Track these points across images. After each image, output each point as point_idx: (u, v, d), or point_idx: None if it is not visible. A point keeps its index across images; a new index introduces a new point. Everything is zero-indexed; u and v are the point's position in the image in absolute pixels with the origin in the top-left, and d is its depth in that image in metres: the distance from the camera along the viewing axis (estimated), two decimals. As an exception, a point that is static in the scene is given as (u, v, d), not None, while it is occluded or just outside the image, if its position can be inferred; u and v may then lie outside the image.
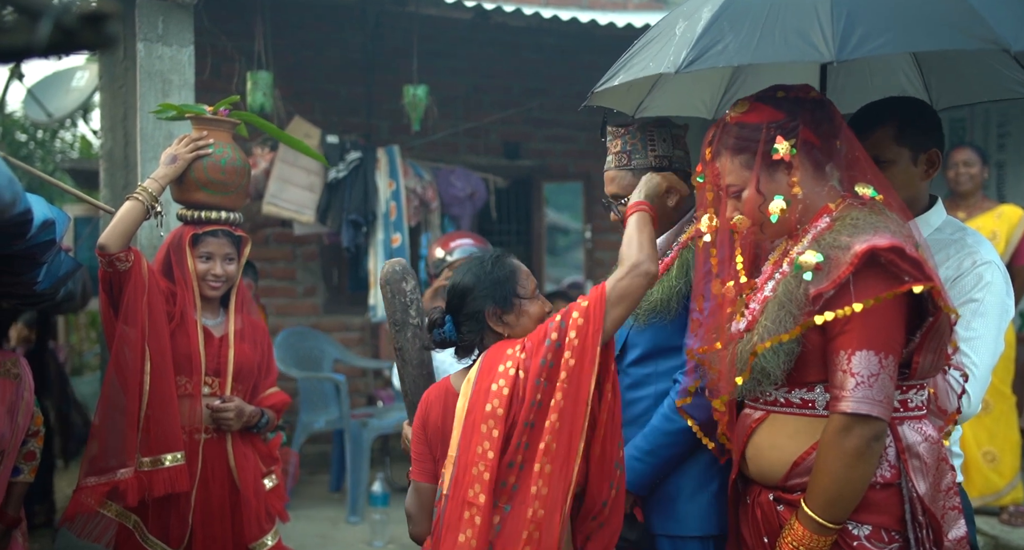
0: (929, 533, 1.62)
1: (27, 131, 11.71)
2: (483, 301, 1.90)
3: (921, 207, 1.97)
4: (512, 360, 1.79)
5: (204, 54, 4.17)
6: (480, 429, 1.76)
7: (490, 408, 1.77)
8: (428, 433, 1.94)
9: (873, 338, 1.56)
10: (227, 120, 2.71)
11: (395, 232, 5.00)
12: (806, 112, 1.69)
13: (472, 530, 1.72)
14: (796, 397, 1.68)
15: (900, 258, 1.55)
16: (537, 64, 6.05)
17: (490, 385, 1.79)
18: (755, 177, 1.68)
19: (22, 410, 2.50)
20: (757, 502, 1.74)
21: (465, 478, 1.75)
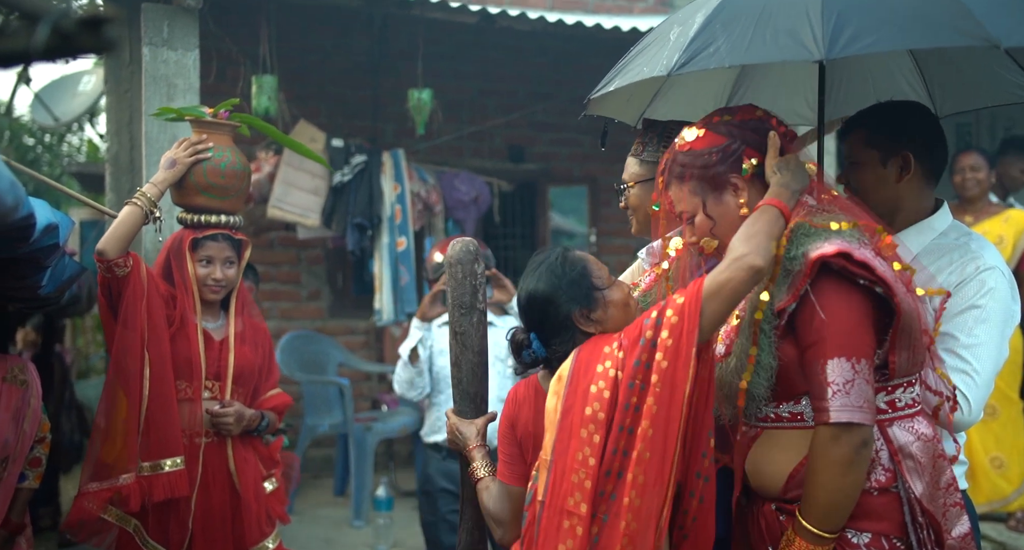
0: (930, 534, 1.62)
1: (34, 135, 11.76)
2: (568, 306, 1.78)
3: (912, 210, 1.96)
4: (611, 360, 1.68)
5: (209, 58, 4.18)
6: (579, 434, 1.66)
7: (590, 412, 1.66)
8: (519, 434, 1.88)
9: (843, 344, 1.57)
10: (227, 123, 2.70)
11: (400, 236, 5.00)
12: (748, 132, 1.73)
13: (573, 541, 1.63)
14: (784, 411, 1.69)
15: (849, 262, 1.57)
16: (542, 68, 6.05)
17: (588, 386, 1.68)
18: (702, 203, 1.73)
19: (29, 417, 2.49)
20: (761, 512, 1.75)
21: (563, 485, 1.66)
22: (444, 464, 3.39)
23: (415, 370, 3.38)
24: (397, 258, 4.99)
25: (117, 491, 2.46)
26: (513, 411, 1.89)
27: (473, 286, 2.10)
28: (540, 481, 1.71)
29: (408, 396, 3.47)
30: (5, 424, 2.41)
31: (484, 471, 1.97)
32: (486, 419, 2.08)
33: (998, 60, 2.05)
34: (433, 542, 3.43)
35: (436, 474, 3.40)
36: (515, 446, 1.88)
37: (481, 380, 2.07)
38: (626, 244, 6.33)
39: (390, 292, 4.99)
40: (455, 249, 2.11)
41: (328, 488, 5.30)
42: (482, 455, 2.00)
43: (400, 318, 5.08)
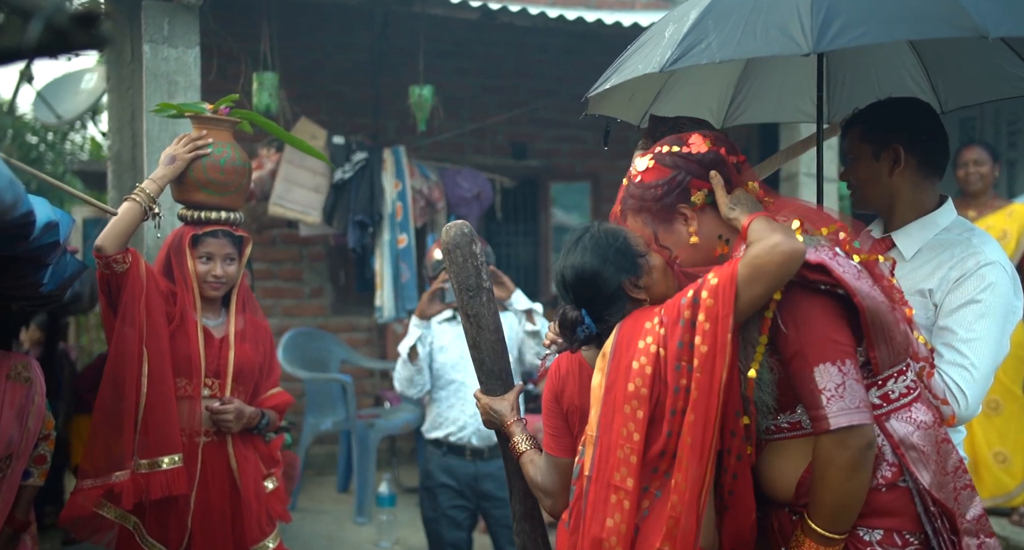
0: (944, 522, 1.62)
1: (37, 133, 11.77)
2: (618, 276, 1.78)
3: (912, 206, 1.96)
4: (652, 335, 1.69)
5: (210, 56, 4.18)
6: (623, 410, 1.69)
7: (633, 388, 1.68)
8: (564, 407, 1.89)
9: (822, 351, 1.57)
10: (227, 119, 2.69)
11: (401, 233, 5.00)
12: (693, 164, 1.73)
13: (620, 514, 1.66)
14: (783, 422, 1.69)
15: (806, 269, 1.57)
16: (543, 64, 6.04)
17: (630, 362, 1.70)
18: (653, 234, 1.75)
19: (33, 414, 2.49)
20: (775, 517, 1.75)
21: (610, 460, 1.69)
22: (444, 460, 3.39)
23: (415, 368, 3.38)
24: (398, 255, 4.99)
25: (110, 488, 2.45)
26: (557, 385, 1.91)
27: (476, 267, 2.10)
28: (587, 456, 1.73)
29: (408, 394, 3.47)
30: (9, 421, 2.41)
31: (526, 445, 2.01)
32: (516, 392, 2.11)
33: (1001, 54, 2.04)
34: (434, 538, 3.44)
35: (436, 470, 3.41)
36: (560, 419, 1.90)
37: (502, 356, 2.09)
38: (628, 240, 6.33)
39: (391, 289, 4.99)
40: (450, 234, 2.12)
41: (331, 485, 5.31)
42: (521, 428, 2.04)
43: (401, 315, 5.08)
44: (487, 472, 3.38)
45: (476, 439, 3.37)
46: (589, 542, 1.69)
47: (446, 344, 3.45)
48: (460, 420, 3.38)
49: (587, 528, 1.70)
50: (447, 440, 3.40)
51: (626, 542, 1.65)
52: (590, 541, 1.69)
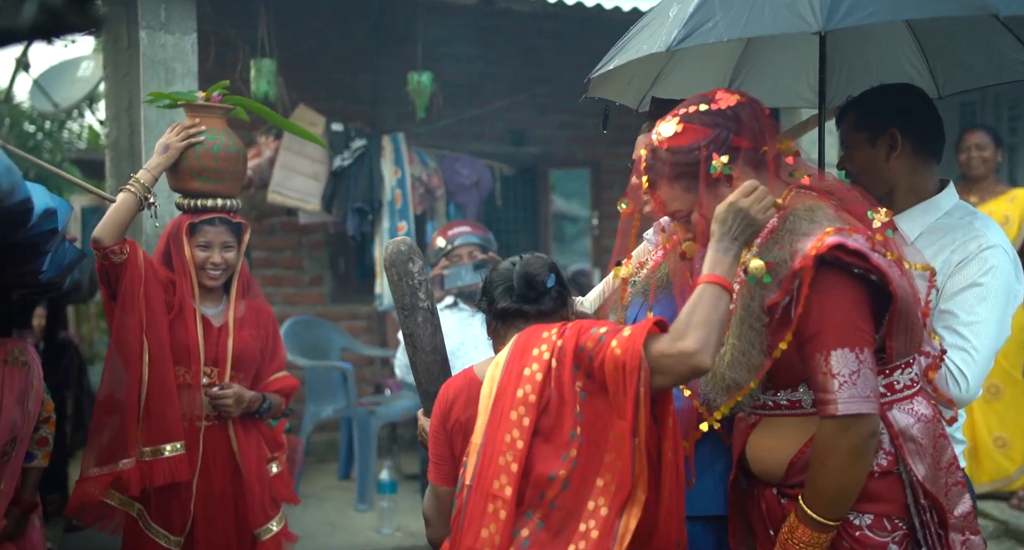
0: (933, 515, 1.62)
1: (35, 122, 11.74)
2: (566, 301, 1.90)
3: (912, 190, 1.96)
4: (547, 344, 1.69)
5: (207, 42, 4.15)
6: (510, 416, 1.66)
7: (521, 394, 1.66)
8: (449, 430, 1.85)
9: (844, 335, 1.55)
10: (219, 106, 2.68)
11: (401, 220, 4.99)
12: (731, 120, 1.66)
13: (496, 525, 1.62)
14: (783, 399, 1.68)
15: (844, 253, 1.55)
16: (543, 50, 6.01)
17: (522, 369, 1.69)
18: (700, 202, 1.67)
19: (32, 397, 2.52)
20: (762, 496, 1.75)
21: (490, 468, 1.66)
22: None
23: None
24: (398, 242, 4.98)
25: (118, 476, 2.47)
26: (445, 405, 1.87)
27: (411, 286, 2.07)
28: (469, 466, 1.70)
29: (408, 380, 3.49)
30: (11, 405, 2.43)
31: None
32: None
33: (1001, 38, 2.03)
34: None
35: None
36: (445, 445, 1.86)
37: (439, 377, 2.04)
38: (628, 227, 6.31)
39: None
40: (388, 251, 2.11)
41: (332, 472, 5.32)
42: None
43: (402, 302, 5.07)
44: None
45: None
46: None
47: (447, 330, 3.43)
48: None
49: (461, 540, 1.66)
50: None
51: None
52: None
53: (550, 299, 1.88)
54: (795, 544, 1.61)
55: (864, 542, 1.61)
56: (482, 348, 3.42)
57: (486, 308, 1.93)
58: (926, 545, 1.60)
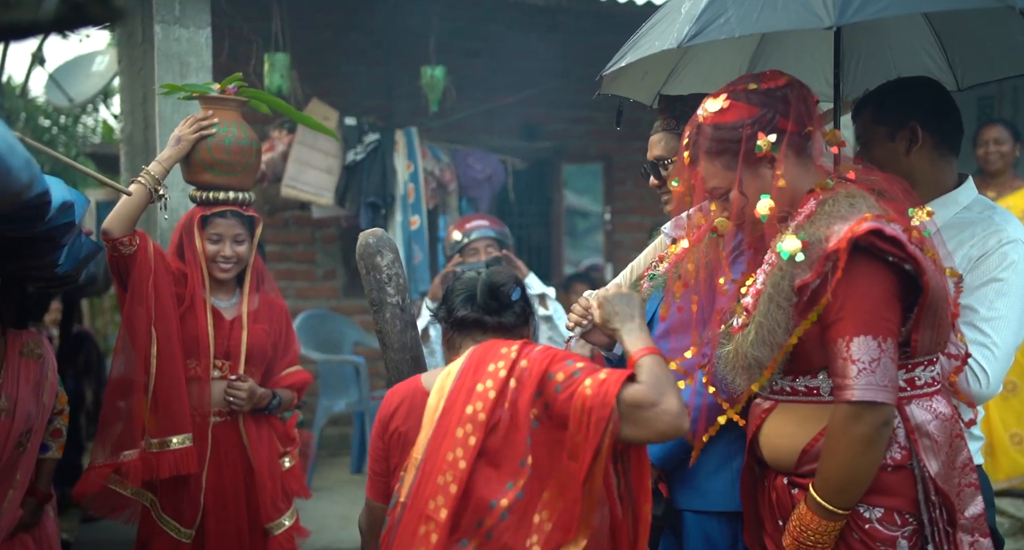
0: (943, 513, 1.61)
1: (50, 116, 11.81)
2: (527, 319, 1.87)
3: (932, 184, 1.94)
4: (505, 361, 1.62)
5: (221, 36, 4.16)
6: (455, 433, 1.58)
7: (471, 410, 1.58)
8: (386, 441, 1.76)
9: (869, 323, 1.54)
10: (232, 98, 2.68)
11: (414, 214, 4.99)
12: (779, 101, 1.66)
13: (425, 548, 1.53)
14: (801, 385, 1.67)
15: (880, 239, 1.53)
16: (556, 44, 5.99)
17: (475, 384, 1.61)
18: (738, 179, 1.66)
19: (46, 389, 2.55)
20: (772, 486, 1.74)
21: (428, 487, 1.57)
22: None
23: (427, 349, 3.40)
24: (411, 237, 4.99)
25: (118, 467, 2.48)
26: (385, 415, 1.78)
27: (379, 281, 1.99)
28: (406, 482, 1.62)
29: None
30: (27, 396, 2.46)
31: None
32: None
33: (1020, 29, 2.01)
34: None
35: None
36: (381, 460, 1.78)
37: (409, 376, 1.96)
38: (640, 222, 6.29)
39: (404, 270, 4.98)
40: (359, 244, 2.03)
41: (345, 466, 5.34)
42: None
43: (414, 297, 5.08)
44: None
45: None
46: None
47: None
48: None
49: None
50: None
51: None
52: None
53: (512, 313, 1.83)
54: (804, 532, 1.60)
55: (873, 535, 1.60)
56: None
57: (444, 316, 1.86)
58: (933, 542, 1.59)
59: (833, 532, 1.59)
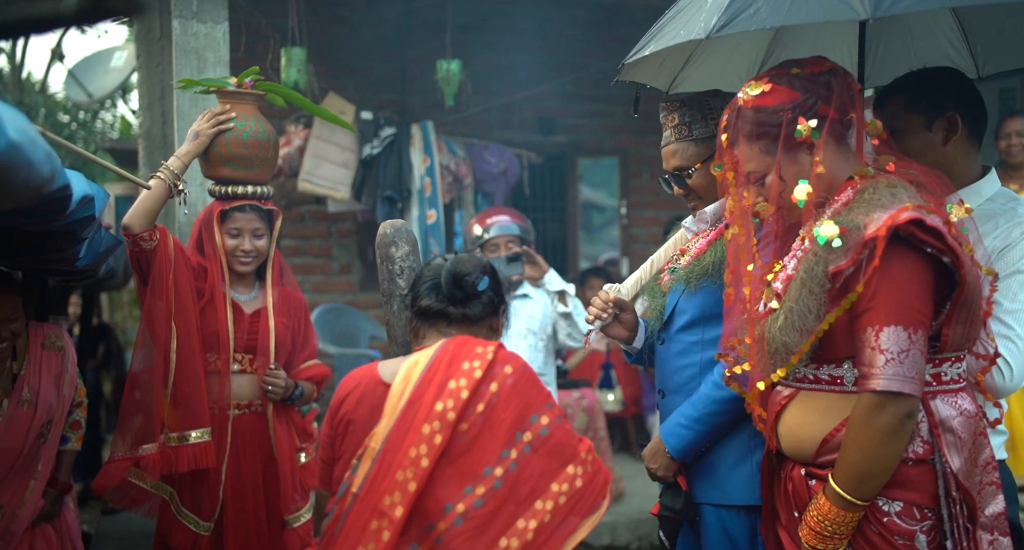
0: (963, 509, 1.59)
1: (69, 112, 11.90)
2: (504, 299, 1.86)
3: (961, 174, 1.91)
4: (481, 361, 1.58)
5: (238, 31, 4.17)
6: (421, 429, 1.53)
7: (441, 408, 1.54)
8: (334, 427, 1.72)
9: (900, 313, 1.52)
10: (250, 92, 2.68)
11: (430, 208, 5.00)
12: (822, 87, 1.64)
13: (376, 546, 1.48)
14: (825, 374, 1.65)
15: (920, 230, 1.52)
16: (572, 38, 5.97)
17: (447, 381, 1.57)
18: (777, 163, 1.64)
19: (66, 381, 2.58)
20: (789, 477, 1.72)
21: (385, 480, 1.52)
22: None
23: None
24: (427, 231, 4.99)
25: (138, 460, 2.50)
26: (335, 401, 1.75)
27: (390, 271, 1.96)
28: (360, 472, 1.56)
29: None
30: (48, 387, 2.49)
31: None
32: None
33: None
34: None
35: None
36: (329, 448, 1.75)
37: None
38: (656, 216, 6.27)
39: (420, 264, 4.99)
40: (378, 233, 2.02)
41: (361, 459, 5.37)
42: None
43: (431, 291, 5.08)
44: None
45: None
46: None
47: None
48: None
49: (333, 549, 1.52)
50: None
51: None
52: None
53: (479, 304, 1.77)
54: (822, 523, 1.59)
55: (892, 529, 1.59)
56: (514, 338, 3.42)
57: (410, 304, 1.82)
58: (952, 538, 1.57)
59: (851, 523, 1.58)
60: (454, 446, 1.55)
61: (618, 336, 2.19)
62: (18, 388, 2.44)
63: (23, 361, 2.49)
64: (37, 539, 2.57)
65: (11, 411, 2.41)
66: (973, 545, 1.59)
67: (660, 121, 2.17)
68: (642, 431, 5.39)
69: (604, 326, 2.15)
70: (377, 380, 1.70)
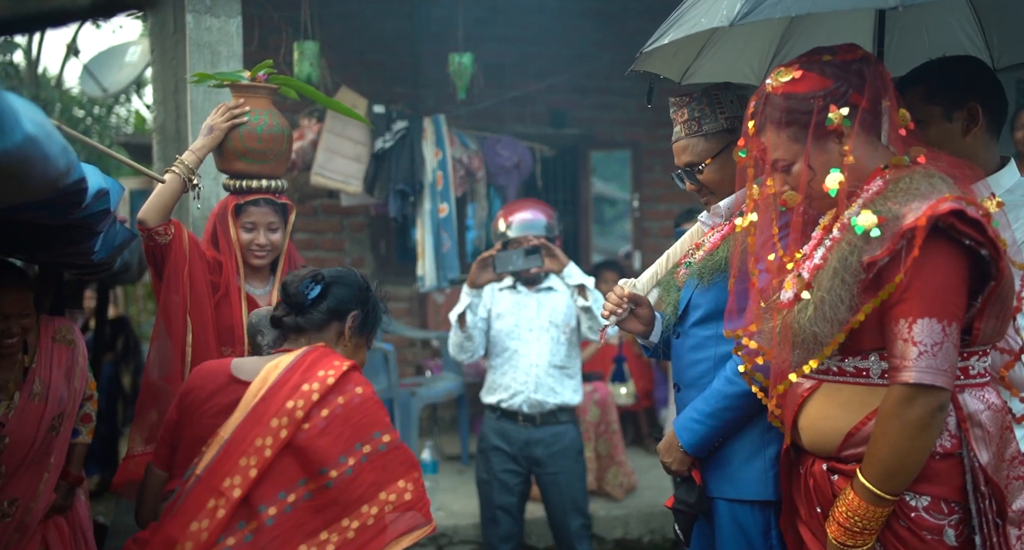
0: (992, 504, 1.57)
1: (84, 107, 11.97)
2: (361, 305, 1.93)
3: (982, 166, 1.89)
4: (336, 371, 1.75)
5: (251, 26, 4.18)
6: (270, 422, 1.68)
7: (292, 405, 1.70)
8: (179, 410, 1.86)
9: (935, 305, 1.50)
10: (264, 86, 2.68)
11: (442, 202, 5.00)
12: (853, 75, 1.61)
13: (210, 521, 1.63)
14: (850, 366, 1.63)
15: (960, 221, 1.49)
16: (584, 31, 5.95)
17: (301, 384, 1.73)
18: (807, 152, 1.61)
19: (77, 374, 2.60)
20: (810, 472, 1.70)
21: (227, 464, 1.66)
22: (499, 424, 3.46)
23: (464, 335, 3.43)
24: (439, 224, 4.99)
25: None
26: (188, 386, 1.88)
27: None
28: (206, 457, 1.71)
29: (459, 359, 3.55)
30: (59, 381, 2.52)
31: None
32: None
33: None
34: (485, 500, 3.52)
35: (491, 433, 3.49)
36: (173, 430, 1.87)
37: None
38: (669, 209, 6.25)
39: (433, 258, 5.00)
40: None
41: (374, 452, 5.39)
42: None
43: (443, 285, 5.09)
44: (538, 438, 3.42)
45: (527, 407, 3.42)
46: (164, 541, 1.64)
47: (503, 311, 3.50)
48: (512, 387, 3.44)
49: (166, 527, 1.66)
50: (500, 406, 3.46)
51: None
52: (164, 540, 1.64)
53: (316, 312, 1.90)
54: (851, 518, 1.57)
55: (920, 523, 1.57)
56: (536, 331, 3.45)
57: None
58: (981, 534, 1.56)
59: (881, 518, 1.56)
60: (296, 442, 1.70)
61: (634, 330, 2.18)
62: (29, 381, 2.47)
63: (34, 355, 2.51)
64: (50, 531, 2.60)
65: (23, 404, 2.44)
66: (1003, 540, 1.57)
67: (671, 116, 2.16)
68: (655, 425, 5.38)
69: (620, 321, 2.15)
70: (230, 376, 1.84)
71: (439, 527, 4.09)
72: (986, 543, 1.55)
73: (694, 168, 2.09)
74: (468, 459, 5.07)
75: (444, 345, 5.35)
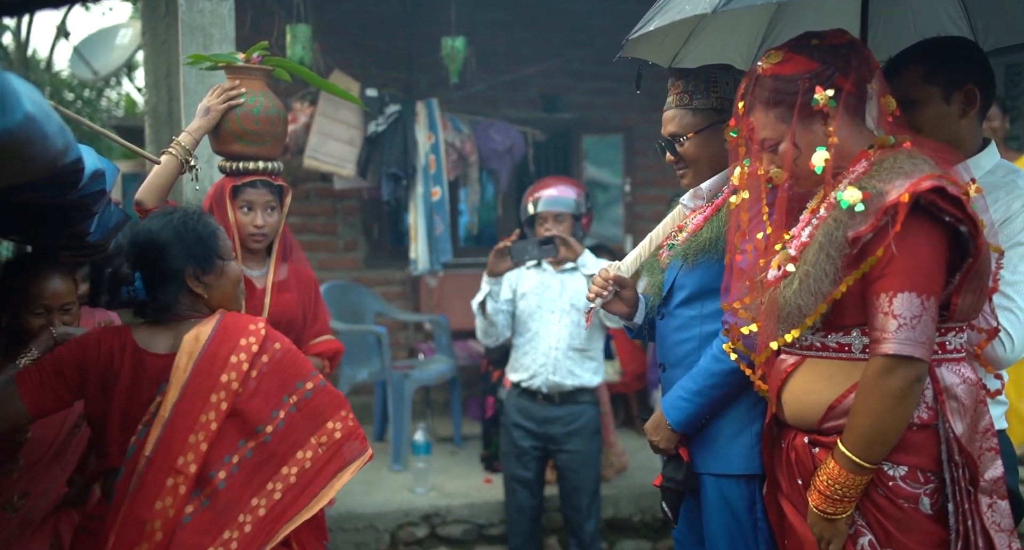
0: (965, 473, 1.63)
1: (74, 90, 11.88)
2: (183, 260, 1.90)
3: (969, 149, 1.92)
4: (256, 336, 1.83)
5: (244, 8, 4.17)
6: (209, 398, 1.78)
7: (226, 379, 1.79)
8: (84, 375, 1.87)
9: (915, 280, 1.55)
10: (259, 68, 2.69)
11: (435, 186, 5.01)
12: (840, 59, 1.66)
13: (173, 498, 1.74)
14: (832, 341, 1.67)
15: (941, 198, 1.54)
16: (577, 15, 5.95)
17: (229, 355, 1.81)
18: (792, 131, 1.67)
19: None
20: (792, 445, 1.75)
21: (177, 444, 1.76)
22: (520, 400, 3.58)
23: (487, 321, 3.51)
24: (432, 208, 5.01)
25: None
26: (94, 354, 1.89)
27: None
28: (151, 436, 1.78)
29: (486, 343, 3.66)
30: None
31: None
32: None
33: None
34: (506, 471, 3.68)
35: (512, 409, 3.61)
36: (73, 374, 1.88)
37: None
38: (661, 194, 6.28)
39: (425, 242, 5.02)
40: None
41: (367, 434, 5.41)
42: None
43: (435, 268, 5.12)
44: (557, 416, 3.52)
45: (545, 388, 3.51)
46: (132, 522, 1.74)
47: (527, 291, 3.58)
48: (531, 368, 3.53)
49: (130, 508, 1.75)
50: (520, 385, 3.56)
51: (169, 528, 1.72)
52: (133, 521, 1.74)
53: (162, 294, 1.93)
54: (831, 487, 1.62)
55: (897, 492, 1.63)
56: (557, 312, 3.51)
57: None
58: (954, 501, 1.61)
59: (860, 486, 1.62)
60: (233, 408, 1.81)
61: (619, 312, 2.22)
62: None
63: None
64: (63, 523, 2.60)
65: None
66: (974, 507, 1.63)
67: (668, 86, 2.19)
68: (645, 407, 5.44)
69: (605, 303, 2.19)
70: (136, 347, 1.88)
71: (433, 507, 4.14)
72: (958, 510, 1.61)
73: (676, 139, 2.13)
74: (460, 441, 5.12)
75: (437, 328, 5.38)
